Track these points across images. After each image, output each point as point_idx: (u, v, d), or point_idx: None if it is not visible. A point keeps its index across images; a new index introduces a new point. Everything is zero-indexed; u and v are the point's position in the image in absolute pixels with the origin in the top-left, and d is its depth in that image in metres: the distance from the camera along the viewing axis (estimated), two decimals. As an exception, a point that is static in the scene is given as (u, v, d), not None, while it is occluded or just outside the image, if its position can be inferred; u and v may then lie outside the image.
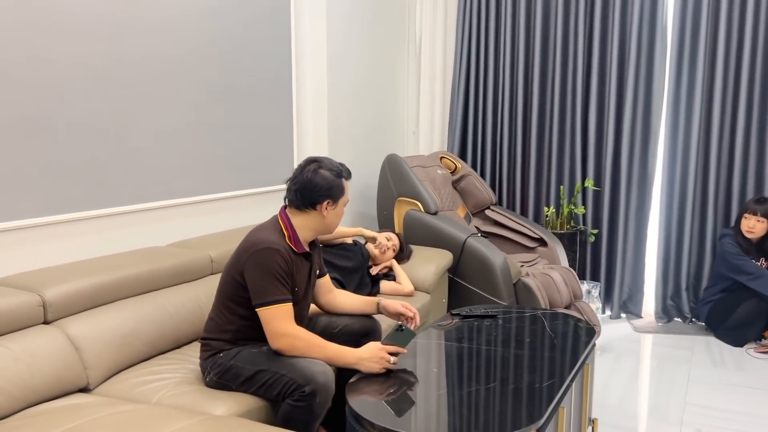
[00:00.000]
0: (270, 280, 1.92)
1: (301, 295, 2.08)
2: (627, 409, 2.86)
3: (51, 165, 2.32)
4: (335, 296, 2.30)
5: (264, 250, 1.93)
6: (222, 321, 2.03)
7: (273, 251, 1.93)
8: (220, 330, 2.03)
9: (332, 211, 2.06)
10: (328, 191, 2.03)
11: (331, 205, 2.05)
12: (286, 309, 1.93)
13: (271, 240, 1.96)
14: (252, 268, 1.93)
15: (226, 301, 2.03)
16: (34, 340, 1.90)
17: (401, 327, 1.94)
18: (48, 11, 2.26)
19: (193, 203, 2.96)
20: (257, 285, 1.93)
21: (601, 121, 4.19)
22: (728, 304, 3.68)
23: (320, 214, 2.05)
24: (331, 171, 2.05)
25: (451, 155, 4.23)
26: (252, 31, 3.23)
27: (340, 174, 2.07)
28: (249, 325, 2.01)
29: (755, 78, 3.79)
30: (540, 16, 4.23)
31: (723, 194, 3.97)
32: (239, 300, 2.00)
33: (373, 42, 4.21)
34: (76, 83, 2.38)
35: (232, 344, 2.02)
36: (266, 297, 1.92)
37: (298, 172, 2.06)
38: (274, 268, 1.92)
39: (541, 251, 3.89)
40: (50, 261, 2.34)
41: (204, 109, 2.97)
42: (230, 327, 2.03)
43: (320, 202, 2.03)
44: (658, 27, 3.96)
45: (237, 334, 2.03)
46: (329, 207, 2.05)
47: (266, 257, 1.92)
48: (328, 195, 2.03)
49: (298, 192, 2.03)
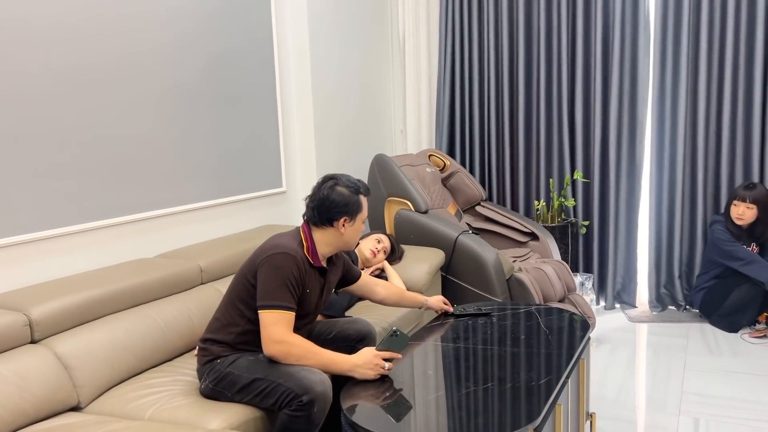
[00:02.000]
0: (279, 285, 1.91)
1: (311, 309, 2.07)
2: (625, 400, 2.86)
3: (31, 180, 2.28)
4: (383, 290, 2.37)
5: (280, 255, 1.94)
6: (227, 321, 2.02)
7: (289, 257, 1.94)
8: (224, 331, 2.02)
9: (350, 227, 2.07)
10: (345, 208, 2.04)
11: (348, 221, 2.05)
12: (287, 317, 1.92)
13: (290, 247, 1.97)
14: (265, 269, 1.94)
15: (235, 301, 2.02)
16: (22, 360, 1.87)
17: (396, 332, 1.92)
18: (17, 21, 2.22)
19: (181, 212, 2.92)
20: (266, 286, 1.92)
21: (587, 112, 4.19)
22: (721, 291, 3.69)
23: (338, 231, 2.05)
24: (348, 187, 2.06)
25: (439, 153, 4.22)
26: (233, 36, 3.19)
27: (358, 190, 2.08)
28: (253, 329, 1.99)
29: (739, 63, 3.79)
30: (522, 10, 4.22)
31: (712, 181, 3.98)
32: (249, 301, 2.00)
33: (357, 42, 4.19)
34: (56, 95, 2.34)
35: (231, 349, 2.01)
36: (271, 300, 1.91)
37: (316, 189, 2.08)
38: (287, 273, 1.92)
39: (533, 245, 3.89)
40: (36, 278, 2.31)
41: (187, 117, 2.93)
42: (234, 329, 2.01)
43: (337, 219, 2.04)
44: (640, 16, 3.96)
45: (239, 337, 2.01)
46: (347, 224, 2.05)
47: (281, 261, 1.93)
48: (345, 212, 2.04)
49: (316, 209, 2.04)
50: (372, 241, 3.17)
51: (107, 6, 2.52)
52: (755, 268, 3.56)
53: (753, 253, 3.62)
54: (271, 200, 3.54)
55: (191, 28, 2.93)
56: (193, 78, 2.95)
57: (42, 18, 2.28)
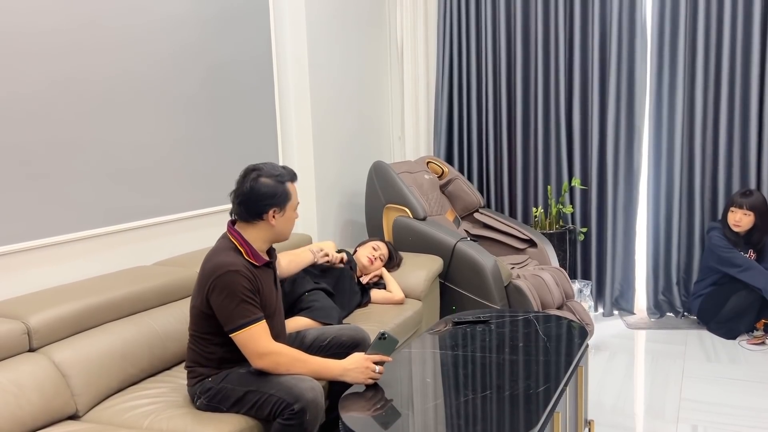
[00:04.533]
0: (237, 303, 1.87)
1: (273, 307, 2.04)
2: (623, 407, 2.85)
3: (30, 188, 2.28)
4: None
5: (224, 275, 1.87)
6: (203, 351, 1.99)
7: (234, 273, 1.87)
8: (204, 358, 1.99)
9: (281, 218, 1.99)
10: (272, 199, 1.95)
11: (278, 212, 1.98)
12: (261, 328, 1.89)
13: (230, 262, 1.90)
14: (217, 295, 1.88)
15: (201, 335, 1.99)
16: (19, 369, 1.86)
17: (384, 335, 1.92)
18: (18, 33, 2.23)
19: (178, 220, 2.92)
20: (225, 311, 1.88)
21: (585, 119, 4.20)
22: (719, 297, 3.69)
23: (268, 223, 1.98)
24: (272, 177, 1.96)
25: (437, 159, 4.23)
26: (233, 46, 3.20)
27: (283, 179, 1.99)
28: (231, 350, 1.97)
29: (736, 70, 3.81)
30: (520, 17, 4.24)
31: (709, 188, 3.99)
32: (213, 330, 1.96)
33: (355, 50, 4.20)
34: (55, 105, 2.34)
35: (218, 369, 1.99)
36: (237, 321, 1.87)
37: (240, 183, 1.97)
38: (239, 290, 1.87)
39: (531, 252, 3.89)
40: (33, 286, 2.30)
41: (185, 124, 2.94)
42: (212, 356, 1.99)
43: (266, 212, 1.96)
44: (637, 24, 3.98)
45: (221, 361, 1.99)
46: (276, 215, 1.98)
47: (228, 281, 1.87)
48: (273, 203, 1.96)
49: (242, 204, 1.96)
50: (369, 248, 3.17)
51: (107, 17, 2.52)
52: (752, 274, 3.56)
53: (750, 260, 3.62)
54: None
55: (191, 39, 2.94)
56: (192, 87, 2.96)
57: (42, 30, 2.29)
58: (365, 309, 2.97)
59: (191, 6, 2.93)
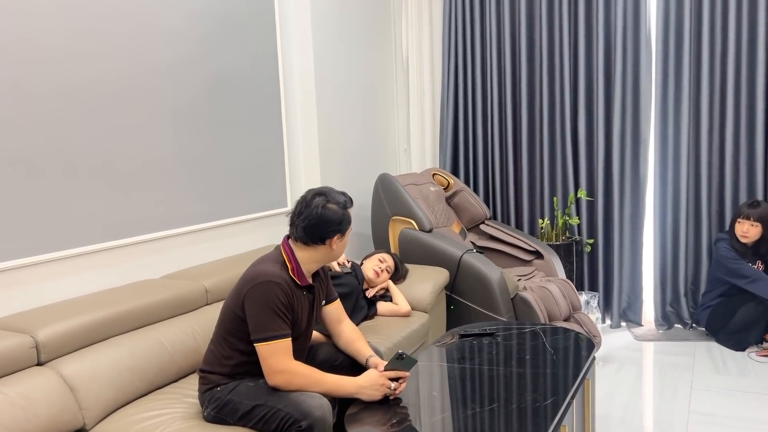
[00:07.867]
0: (269, 315, 1.89)
1: (302, 329, 2.05)
2: (631, 421, 2.83)
3: (38, 202, 2.30)
4: (342, 331, 2.20)
5: (264, 284, 1.90)
6: (221, 354, 2.01)
7: (273, 284, 1.90)
8: (219, 363, 2.01)
9: (340, 243, 2.04)
10: (338, 225, 2.00)
11: (340, 238, 2.03)
12: (285, 345, 1.91)
13: (272, 273, 1.93)
14: (252, 301, 1.91)
15: (225, 335, 2.01)
16: (28, 382, 1.87)
17: (402, 355, 1.91)
18: (26, 42, 2.26)
19: (186, 233, 2.94)
20: (257, 320, 1.90)
21: (590, 130, 4.21)
22: (727, 309, 3.67)
23: (329, 248, 2.02)
24: (338, 204, 2.01)
25: (443, 171, 4.24)
26: (239, 57, 3.23)
27: (346, 205, 2.04)
28: (248, 360, 1.98)
29: (741, 79, 3.81)
30: (524, 30, 4.26)
31: (716, 198, 3.98)
32: (239, 335, 1.98)
33: (361, 62, 4.23)
34: (62, 117, 2.37)
35: (229, 378, 2.00)
36: (265, 332, 1.89)
37: (304, 207, 1.99)
38: (274, 302, 1.90)
39: (538, 264, 3.88)
40: (42, 300, 2.32)
41: (192, 138, 2.96)
42: (229, 361, 2.00)
43: (330, 237, 2.00)
44: (642, 35, 3.99)
45: (236, 368, 2.00)
46: (338, 240, 2.02)
47: (266, 291, 1.89)
48: (338, 229, 2.00)
49: (307, 228, 1.98)
50: (375, 260, 3.18)
51: (114, 28, 2.56)
52: (761, 285, 3.55)
53: (758, 271, 3.60)
54: (277, 220, 3.56)
55: (197, 49, 2.97)
56: (199, 98, 2.99)
57: (50, 40, 2.32)
58: (372, 321, 2.97)
59: (198, 18, 2.97)
